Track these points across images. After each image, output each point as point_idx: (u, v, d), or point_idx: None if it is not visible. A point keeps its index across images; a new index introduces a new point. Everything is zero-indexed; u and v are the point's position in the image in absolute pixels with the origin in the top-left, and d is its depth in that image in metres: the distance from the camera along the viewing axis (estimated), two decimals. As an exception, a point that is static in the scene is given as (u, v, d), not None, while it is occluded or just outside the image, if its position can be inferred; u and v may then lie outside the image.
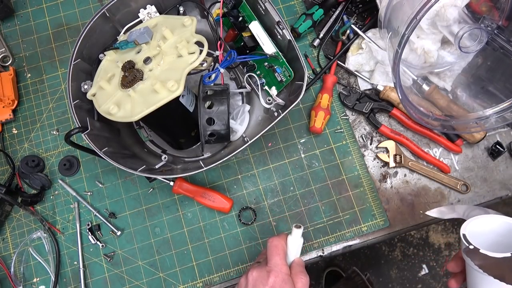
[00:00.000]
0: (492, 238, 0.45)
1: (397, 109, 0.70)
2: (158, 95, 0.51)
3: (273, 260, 0.48)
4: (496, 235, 0.46)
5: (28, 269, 0.67)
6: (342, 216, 0.68)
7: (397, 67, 0.54)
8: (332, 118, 0.72)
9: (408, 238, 1.57)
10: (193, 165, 0.65)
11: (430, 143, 0.71)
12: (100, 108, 0.55)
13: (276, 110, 0.64)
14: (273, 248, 0.49)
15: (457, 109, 0.67)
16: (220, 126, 0.58)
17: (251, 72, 0.67)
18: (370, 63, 0.72)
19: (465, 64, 0.68)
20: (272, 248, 0.49)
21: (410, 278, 1.54)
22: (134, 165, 0.58)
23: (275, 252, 0.49)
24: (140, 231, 0.68)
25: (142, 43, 0.57)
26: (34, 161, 0.69)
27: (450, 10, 0.59)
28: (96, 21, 0.61)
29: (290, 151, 0.71)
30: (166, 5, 0.65)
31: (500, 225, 0.46)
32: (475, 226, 0.46)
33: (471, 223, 0.46)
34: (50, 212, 0.69)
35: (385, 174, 0.70)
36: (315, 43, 0.74)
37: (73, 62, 0.59)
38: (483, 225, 0.46)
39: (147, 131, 0.69)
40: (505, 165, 0.71)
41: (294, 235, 0.50)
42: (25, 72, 0.74)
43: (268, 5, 0.60)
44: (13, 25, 0.77)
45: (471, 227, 0.45)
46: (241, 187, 0.69)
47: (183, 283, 0.66)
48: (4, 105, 0.71)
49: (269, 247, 0.50)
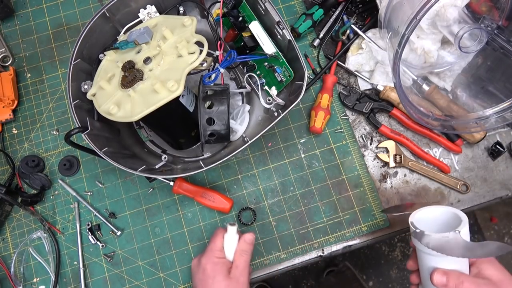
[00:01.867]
0: (435, 225, 0.53)
1: (397, 109, 0.70)
2: (158, 95, 0.51)
3: (209, 246, 0.56)
4: (439, 223, 0.53)
5: (28, 269, 0.67)
6: (342, 216, 0.68)
7: (397, 67, 0.54)
8: (332, 118, 0.72)
9: (408, 238, 1.57)
10: (193, 165, 0.65)
11: (430, 143, 0.71)
12: (100, 108, 0.55)
13: (276, 110, 0.64)
14: (214, 236, 0.57)
15: (457, 109, 0.67)
16: (220, 126, 0.58)
17: (251, 72, 0.67)
18: (370, 63, 0.72)
19: (465, 64, 0.68)
20: (213, 236, 0.57)
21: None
22: (134, 165, 0.58)
23: (214, 240, 0.56)
24: (140, 231, 0.68)
25: (142, 43, 0.57)
26: (34, 161, 0.69)
27: (450, 10, 0.59)
28: (96, 21, 0.61)
29: (290, 151, 0.71)
30: (166, 5, 0.65)
31: (441, 213, 0.53)
32: (421, 215, 0.53)
33: (417, 214, 0.53)
34: (50, 212, 0.69)
35: (385, 174, 0.70)
36: (315, 43, 0.74)
37: (73, 62, 0.59)
38: (427, 214, 0.54)
39: (147, 131, 0.69)
40: (505, 165, 0.71)
41: (230, 232, 0.56)
42: (25, 72, 0.74)
43: (268, 5, 0.60)
44: (13, 25, 0.77)
45: (417, 216, 0.53)
46: (241, 187, 0.69)
47: (183, 283, 0.66)
48: (4, 105, 0.71)
49: (212, 235, 0.57)
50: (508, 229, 1.61)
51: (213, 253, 0.54)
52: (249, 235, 0.57)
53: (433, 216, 0.53)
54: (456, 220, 0.50)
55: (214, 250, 0.55)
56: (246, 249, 0.56)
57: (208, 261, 0.54)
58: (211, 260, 0.54)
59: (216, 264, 0.53)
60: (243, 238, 0.56)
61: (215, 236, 0.56)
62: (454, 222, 0.51)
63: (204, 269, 0.53)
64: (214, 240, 0.56)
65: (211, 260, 0.54)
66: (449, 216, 0.52)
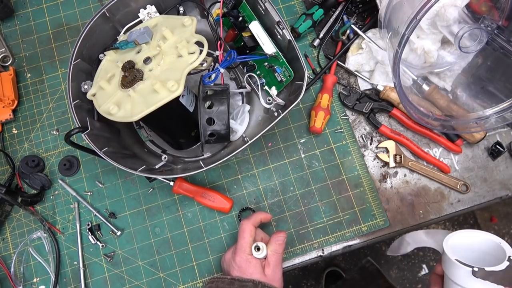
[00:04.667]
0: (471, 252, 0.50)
1: (397, 109, 0.70)
2: (158, 95, 0.51)
3: (239, 243, 0.57)
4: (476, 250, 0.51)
5: (28, 269, 0.67)
6: (342, 216, 0.68)
7: (397, 67, 0.54)
8: (332, 118, 0.72)
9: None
10: (193, 165, 0.65)
11: (430, 143, 0.71)
12: (100, 108, 0.55)
13: (276, 110, 0.64)
14: (240, 231, 0.57)
15: (457, 109, 0.67)
16: (220, 126, 0.58)
17: (251, 72, 0.67)
18: (370, 63, 0.72)
19: (465, 64, 0.68)
20: (240, 232, 0.57)
21: (410, 278, 1.55)
22: (134, 165, 0.58)
23: (242, 235, 0.57)
24: (140, 231, 0.68)
25: (142, 43, 0.57)
26: (34, 161, 0.69)
27: (450, 10, 0.59)
28: (96, 21, 0.61)
29: (290, 151, 0.71)
30: (166, 5, 0.65)
31: (481, 240, 0.50)
32: (457, 240, 0.51)
33: (450, 240, 0.51)
34: (50, 212, 0.69)
35: (385, 174, 0.70)
36: (315, 43, 0.74)
37: (73, 62, 0.59)
38: (463, 240, 0.51)
39: (147, 131, 0.69)
40: (505, 165, 0.71)
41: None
42: (25, 72, 0.74)
43: (268, 5, 0.60)
44: (13, 25, 0.77)
45: (451, 243, 0.50)
46: (241, 187, 0.69)
47: (183, 283, 0.66)
48: (4, 105, 0.71)
49: (238, 230, 0.58)
50: (508, 229, 1.61)
51: (244, 250, 0.56)
52: (280, 236, 0.58)
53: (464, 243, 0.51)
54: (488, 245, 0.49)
55: (245, 247, 0.56)
56: (278, 249, 0.57)
57: (241, 259, 0.55)
58: (244, 257, 0.55)
59: (250, 262, 0.55)
60: (275, 238, 0.58)
61: (243, 232, 0.57)
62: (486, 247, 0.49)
63: (239, 267, 0.55)
64: (242, 235, 0.57)
65: (244, 258, 0.55)
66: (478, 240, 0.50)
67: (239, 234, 0.57)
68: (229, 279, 0.54)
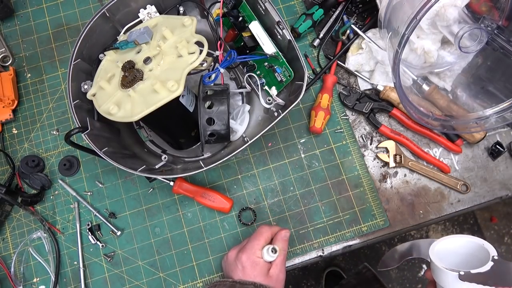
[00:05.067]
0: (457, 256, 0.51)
1: (397, 109, 0.70)
2: (158, 95, 0.51)
3: (251, 243, 0.54)
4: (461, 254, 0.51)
5: (28, 269, 0.67)
6: (342, 216, 0.68)
7: (397, 67, 0.54)
8: (332, 118, 0.72)
9: (408, 238, 1.57)
10: (193, 165, 0.65)
11: (430, 143, 0.71)
12: (100, 108, 0.55)
13: (276, 110, 0.64)
14: (257, 233, 0.55)
15: (457, 109, 0.67)
16: (220, 126, 0.58)
17: (251, 72, 0.67)
18: (370, 63, 0.72)
19: (465, 64, 0.68)
20: (257, 233, 0.55)
21: (410, 278, 1.55)
22: (134, 165, 0.58)
23: (257, 237, 0.55)
24: (140, 231, 0.68)
25: (142, 43, 0.57)
26: (34, 161, 0.69)
27: (450, 10, 0.59)
28: (96, 21, 0.61)
29: (290, 151, 0.71)
30: (166, 5, 0.65)
31: (465, 244, 0.51)
32: (442, 247, 0.52)
33: (436, 248, 0.51)
34: (50, 212, 0.69)
35: (385, 174, 0.70)
36: (315, 43, 0.74)
37: (73, 62, 0.59)
38: (448, 245, 0.52)
39: (147, 131, 0.69)
40: (505, 165, 0.71)
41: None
42: (25, 72, 0.74)
43: (268, 5, 0.60)
44: (13, 25, 0.77)
45: (436, 250, 0.51)
46: (241, 187, 0.69)
47: (183, 283, 0.66)
48: (4, 105, 0.71)
49: (255, 231, 0.56)
50: (508, 229, 1.61)
51: (254, 252, 0.54)
52: (285, 232, 0.57)
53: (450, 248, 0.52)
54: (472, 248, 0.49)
55: (256, 249, 0.54)
56: (283, 247, 0.56)
57: (248, 258, 0.53)
58: (252, 258, 0.53)
59: (257, 264, 0.53)
60: (280, 236, 0.56)
61: (260, 234, 0.55)
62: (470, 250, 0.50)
63: (243, 267, 0.53)
64: (258, 238, 0.55)
65: (252, 259, 0.53)
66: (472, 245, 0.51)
67: (255, 236, 0.55)
68: (230, 282, 0.52)
